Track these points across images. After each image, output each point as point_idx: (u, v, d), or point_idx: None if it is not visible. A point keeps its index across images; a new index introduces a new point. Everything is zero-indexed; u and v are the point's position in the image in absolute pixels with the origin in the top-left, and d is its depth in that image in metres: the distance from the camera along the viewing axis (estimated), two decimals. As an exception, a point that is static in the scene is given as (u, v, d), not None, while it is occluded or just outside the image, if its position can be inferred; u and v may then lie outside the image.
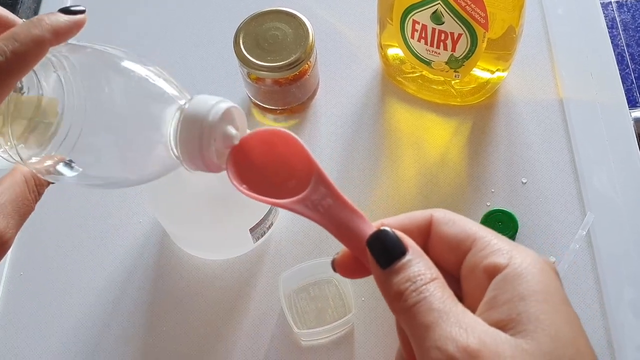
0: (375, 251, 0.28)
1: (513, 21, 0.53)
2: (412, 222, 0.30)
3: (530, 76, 0.63)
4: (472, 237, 0.29)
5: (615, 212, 0.56)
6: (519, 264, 0.27)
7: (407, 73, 0.61)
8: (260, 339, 0.53)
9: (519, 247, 0.28)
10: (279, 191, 0.31)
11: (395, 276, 0.27)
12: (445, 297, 0.26)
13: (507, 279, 0.26)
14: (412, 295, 0.26)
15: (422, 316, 0.26)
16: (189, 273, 0.56)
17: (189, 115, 0.31)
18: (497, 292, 0.26)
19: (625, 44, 1.63)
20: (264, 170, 0.33)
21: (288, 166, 0.32)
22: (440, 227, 0.30)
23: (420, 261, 0.28)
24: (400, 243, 0.28)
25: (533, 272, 0.26)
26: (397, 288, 0.27)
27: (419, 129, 0.61)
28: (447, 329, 0.25)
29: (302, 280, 0.54)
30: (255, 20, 0.59)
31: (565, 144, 0.59)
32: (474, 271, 0.28)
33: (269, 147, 0.33)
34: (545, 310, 0.25)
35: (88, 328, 0.54)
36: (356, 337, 0.52)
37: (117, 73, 0.32)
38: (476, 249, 0.28)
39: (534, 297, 0.25)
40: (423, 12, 0.52)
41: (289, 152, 0.32)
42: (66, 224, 0.59)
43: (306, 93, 0.61)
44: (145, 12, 0.70)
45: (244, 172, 0.32)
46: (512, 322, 0.25)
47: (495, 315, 0.26)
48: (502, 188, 0.58)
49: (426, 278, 0.27)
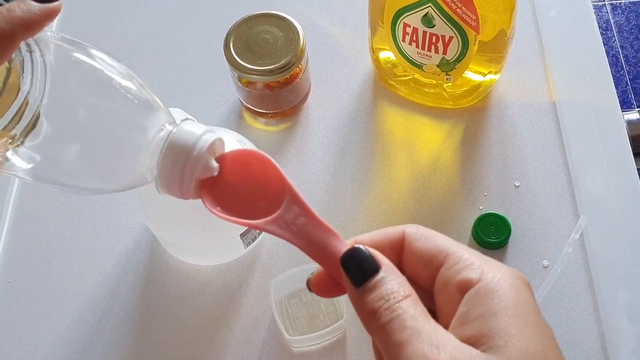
0: (349, 269, 0.28)
1: (504, 23, 0.53)
2: (385, 239, 0.30)
3: (523, 79, 0.63)
4: (445, 252, 0.29)
5: (608, 215, 0.55)
6: (490, 279, 0.27)
7: (398, 76, 0.61)
8: (251, 345, 0.52)
9: (491, 261, 0.28)
10: (253, 211, 0.32)
11: (369, 294, 0.27)
12: (417, 314, 0.26)
13: (479, 294, 0.26)
14: (385, 313, 0.26)
15: (395, 334, 0.26)
16: (179, 279, 0.55)
17: (174, 143, 0.31)
18: (469, 307, 0.26)
19: (620, 45, 1.63)
20: (237, 190, 0.33)
21: (262, 186, 0.32)
22: (412, 243, 0.30)
23: (393, 279, 0.27)
24: (373, 260, 0.28)
25: (504, 286, 0.27)
26: (370, 306, 0.27)
27: (411, 132, 0.61)
28: (419, 346, 0.25)
29: (293, 286, 0.53)
30: (245, 23, 0.58)
31: (558, 146, 0.59)
32: (447, 286, 0.28)
33: (242, 167, 0.33)
34: (516, 324, 0.25)
35: (77, 335, 0.53)
36: (348, 343, 0.52)
37: (97, 81, 0.31)
38: (448, 264, 0.28)
39: (504, 312, 0.26)
40: (414, 15, 0.52)
41: (263, 172, 0.32)
42: (55, 230, 0.58)
43: (298, 96, 0.61)
44: (135, 15, 0.70)
45: (217, 192, 0.32)
46: (484, 337, 0.25)
47: (468, 331, 0.26)
48: (494, 191, 0.57)
49: (399, 296, 0.27)
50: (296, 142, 0.61)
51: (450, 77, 0.56)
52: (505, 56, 0.57)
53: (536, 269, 0.53)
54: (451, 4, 0.50)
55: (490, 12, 0.51)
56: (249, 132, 0.61)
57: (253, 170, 0.32)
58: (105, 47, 0.66)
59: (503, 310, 0.26)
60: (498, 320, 0.25)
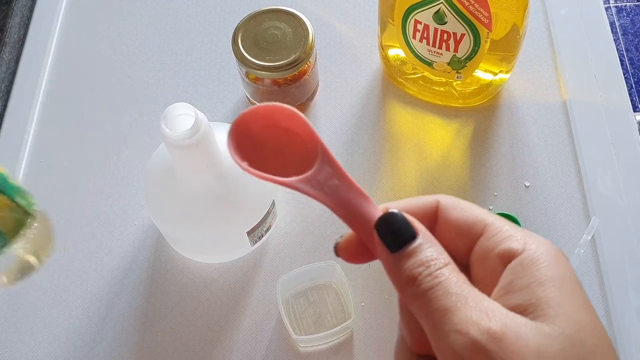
0: (384, 234, 0.27)
1: (517, 22, 0.52)
2: (417, 207, 0.29)
3: (533, 78, 0.62)
4: (483, 223, 0.28)
5: (620, 217, 0.55)
6: (534, 250, 0.26)
7: (408, 74, 0.60)
8: (257, 344, 0.51)
9: (531, 233, 0.28)
10: (283, 170, 0.30)
11: (407, 260, 0.26)
12: (461, 281, 0.26)
13: (524, 265, 0.26)
14: (426, 279, 0.26)
15: (438, 300, 0.25)
16: (184, 277, 0.54)
17: None
18: (514, 277, 0.26)
19: (625, 48, 1.62)
20: (266, 148, 0.31)
21: (291, 144, 0.30)
22: (448, 213, 0.29)
23: (431, 245, 0.27)
24: (410, 226, 0.27)
25: (548, 258, 0.26)
26: (409, 272, 0.26)
27: (420, 131, 0.60)
28: (467, 312, 0.24)
29: (300, 285, 0.53)
30: (254, 19, 0.57)
31: (569, 146, 0.58)
32: (487, 257, 0.27)
33: (271, 123, 0.31)
34: (564, 295, 0.25)
35: (81, 332, 0.53)
36: (355, 343, 0.51)
37: None
38: (488, 234, 0.28)
39: (551, 283, 0.25)
40: (425, 11, 0.51)
41: (293, 129, 0.30)
42: (59, 225, 0.57)
43: (305, 94, 0.60)
44: (144, 10, 0.69)
45: (245, 149, 0.30)
46: (531, 306, 0.25)
47: (513, 300, 0.25)
48: (504, 191, 0.56)
49: (440, 263, 0.26)
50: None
51: (460, 75, 0.56)
52: (516, 55, 0.56)
53: (546, 271, 0.53)
54: (464, 1, 0.49)
55: (503, 10, 0.51)
56: (256, 129, 0.61)
57: (282, 127, 0.30)
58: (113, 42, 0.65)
59: (550, 281, 0.25)
60: (545, 290, 0.25)
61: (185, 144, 0.43)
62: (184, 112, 0.43)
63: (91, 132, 0.62)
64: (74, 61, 0.66)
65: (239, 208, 0.50)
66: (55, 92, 0.64)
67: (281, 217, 0.56)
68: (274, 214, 0.54)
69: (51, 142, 0.62)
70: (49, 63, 0.66)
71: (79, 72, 0.65)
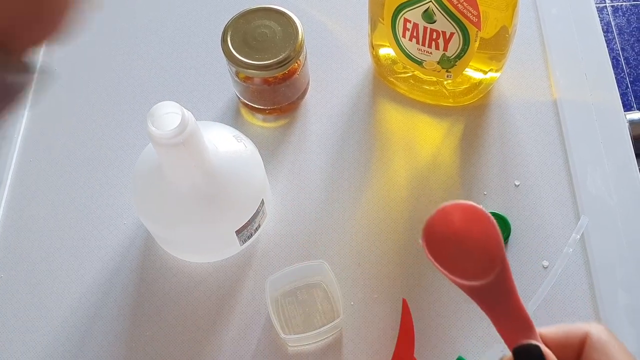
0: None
1: (506, 20, 0.52)
2: (567, 338, 0.31)
3: (524, 77, 0.62)
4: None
5: (609, 216, 0.54)
6: None
7: (398, 73, 0.60)
8: (246, 344, 0.51)
9: None
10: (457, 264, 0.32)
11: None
12: None
13: None
14: None
15: None
16: (173, 276, 0.54)
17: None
18: None
19: (620, 48, 1.62)
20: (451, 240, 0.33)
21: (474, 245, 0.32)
22: (591, 354, 0.30)
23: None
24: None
25: None
26: None
27: (411, 130, 0.60)
28: None
29: (289, 284, 0.52)
30: (243, 17, 0.57)
31: (559, 145, 0.58)
32: None
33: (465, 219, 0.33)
34: None
35: (70, 332, 0.53)
36: (345, 342, 0.51)
37: None
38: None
39: None
40: (414, 10, 0.51)
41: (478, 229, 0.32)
42: (48, 225, 0.57)
43: (296, 92, 0.60)
44: (132, 8, 0.69)
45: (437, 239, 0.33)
46: None
47: None
48: (494, 190, 0.56)
49: None
50: (294, 139, 0.60)
51: (450, 74, 0.56)
52: (506, 54, 0.56)
53: (536, 269, 0.53)
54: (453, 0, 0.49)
55: (492, 9, 0.51)
56: (246, 128, 0.61)
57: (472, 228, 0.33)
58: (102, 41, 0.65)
59: None
60: None
61: (171, 142, 0.42)
62: (171, 110, 0.43)
63: (79, 131, 0.62)
64: (61, 60, 0.66)
65: (228, 207, 0.50)
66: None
67: (270, 216, 0.56)
68: (263, 213, 0.54)
69: (39, 141, 0.62)
70: (39, 64, 0.66)
71: (66, 71, 0.65)
